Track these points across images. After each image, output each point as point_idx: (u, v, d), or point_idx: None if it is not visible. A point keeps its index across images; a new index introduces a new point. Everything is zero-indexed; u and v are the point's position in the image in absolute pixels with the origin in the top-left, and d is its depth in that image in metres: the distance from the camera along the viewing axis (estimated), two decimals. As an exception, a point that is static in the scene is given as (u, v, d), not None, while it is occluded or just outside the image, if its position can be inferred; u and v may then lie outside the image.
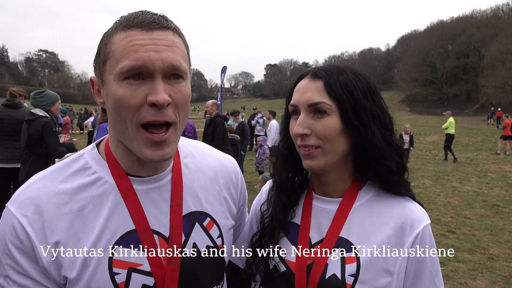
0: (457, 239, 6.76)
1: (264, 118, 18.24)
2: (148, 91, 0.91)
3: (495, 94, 56.10)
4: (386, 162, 1.15)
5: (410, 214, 1.15)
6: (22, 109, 5.83)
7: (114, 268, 0.97)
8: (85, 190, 1.01)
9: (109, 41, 0.94)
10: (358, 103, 1.12)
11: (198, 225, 1.11)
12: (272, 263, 1.23)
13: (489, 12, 76.96)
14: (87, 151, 1.09)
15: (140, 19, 0.93)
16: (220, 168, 1.25)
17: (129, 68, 0.89)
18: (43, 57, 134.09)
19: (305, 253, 1.18)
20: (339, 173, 1.21)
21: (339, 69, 1.17)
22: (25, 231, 0.94)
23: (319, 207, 1.24)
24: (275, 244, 1.24)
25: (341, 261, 1.13)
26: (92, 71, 1.03)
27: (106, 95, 0.97)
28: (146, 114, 0.91)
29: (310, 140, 1.13)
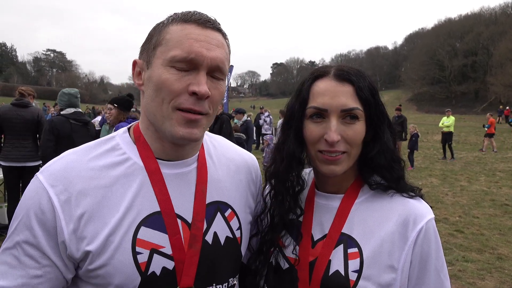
0: (466, 239, 6.71)
1: (271, 117, 18.24)
2: (191, 81, 0.98)
3: (504, 92, 55.54)
4: (395, 166, 1.18)
5: (413, 209, 1.15)
6: (31, 109, 5.90)
7: (137, 248, 0.99)
8: (114, 169, 1.04)
9: (164, 29, 1.01)
10: (378, 107, 1.15)
11: (220, 215, 1.14)
12: (275, 261, 1.23)
13: (497, 10, 76.17)
14: (119, 134, 1.14)
15: (197, 16, 1.02)
16: (242, 163, 1.29)
17: (181, 58, 0.97)
18: (51, 57, 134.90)
19: (307, 250, 1.18)
20: (346, 174, 1.20)
21: (360, 71, 1.16)
22: (50, 201, 0.96)
23: (321, 204, 1.24)
24: (278, 242, 1.24)
25: (344, 257, 1.13)
26: (99, 69, 1.08)
27: (148, 77, 1.02)
28: (185, 101, 0.99)
29: (339, 146, 1.11)
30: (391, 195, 1.19)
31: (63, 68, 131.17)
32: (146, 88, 1.04)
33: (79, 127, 5.27)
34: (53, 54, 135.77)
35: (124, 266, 0.97)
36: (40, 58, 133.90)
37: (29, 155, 5.81)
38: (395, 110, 14.62)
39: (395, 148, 1.19)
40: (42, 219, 0.96)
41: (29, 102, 5.95)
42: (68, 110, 5.27)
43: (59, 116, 5.28)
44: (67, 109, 5.28)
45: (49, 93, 73.11)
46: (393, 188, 1.19)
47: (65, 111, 5.26)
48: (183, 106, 0.98)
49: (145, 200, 1.03)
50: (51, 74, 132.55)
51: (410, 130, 14.57)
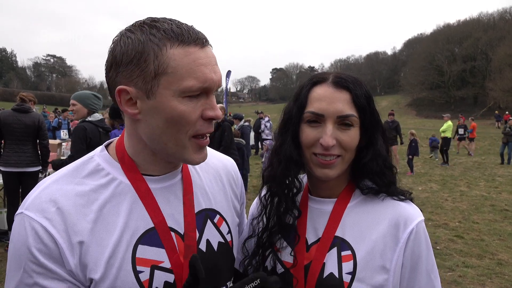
0: (466, 244, 6.70)
1: (271, 122, 18.26)
2: (204, 106, 0.98)
3: (503, 97, 55.67)
4: (387, 172, 1.22)
5: (404, 211, 1.19)
6: (32, 114, 5.91)
7: (137, 267, 0.98)
8: (101, 191, 1.02)
9: (163, 54, 0.93)
10: (372, 115, 1.19)
11: (210, 222, 1.15)
12: (270, 265, 1.25)
13: (496, 15, 76.50)
14: (97, 154, 1.10)
15: (193, 35, 0.96)
16: (222, 167, 1.30)
17: (198, 88, 0.95)
18: (51, 62, 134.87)
19: (302, 253, 1.20)
20: (339, 178, 1.24)
21: (357, 79, 1.20)
22: (49, 234, 0.93)
23: (315, 208, 1.27)
24: (273, 246, 1.26)
25: (338, 259, 1.16)
26: (100, 74, 1.04)
27: (153, 108, 0.96)
28: (202, 127, 0.99)
29: (334, 150, 1.15)
30: (382, 199, 1.23)
31: (63, 73, 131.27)
32: (149, 118, 0.98)
33: (104, 135, 4.88)
34: (53, 59, 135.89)
35: (128, 286, 0.97)
36: (40, 63, 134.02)
37: (29, 160, 5.81)
38: (388, 115, 14.62)
39: (387, 154, 1.23)
40: (48, 253, 0.93)
41: (30, 107, 5.96)
42: (95, 116, 4.84)
43: (88, 123, 4.76)
44: (94, 114, 4.84)
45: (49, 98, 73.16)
46: (383, 192, 1.23)
47: (93, 117, 4.81)
48: (201, 132, 1.00)
49: (138, 218, 1.02)
50: (51, 79, 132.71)
51: (409, 137, 14.57)
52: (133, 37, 0.95)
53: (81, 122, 4.73)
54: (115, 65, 0.97)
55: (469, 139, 20.43)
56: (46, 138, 6.11)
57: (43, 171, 6.12)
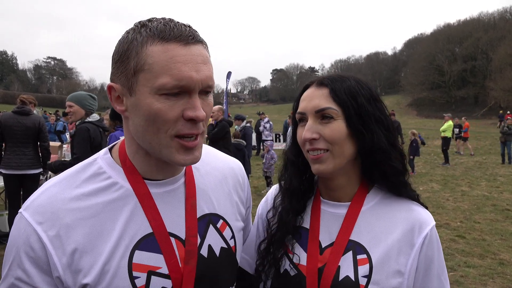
0: (467, 244, 6.69)
1: (271, 123, 18.26)
2: (185, 106, 0.94)
3: (504, 97, 55.60)
4: (392, 163, 1.21)
5: (418, 216, 1.22)
6: (32, 116, 5.92)
7: (134, 272, 0.97)
8: (100, 195, 1.01)
9: (143, 51, 0.93)
10: (362, 108, 1.19)
11: (212, 227, 1.13)
12: (283, 268, 1.25)
13: (496, 15, 76.42)
14: (100, 156, 1.09)
15: (177, 32, 0.93)
16: (228, 171, 1.28)
17: (172, 86, 0.91)
18: (52, 64, 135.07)
19: (316, 256, 1.21)
20: (347, 178, 1.26)
21: (343, 77, 1.24)
22: (39, 238, 0.93)
23: (328, 212, 1.28)
24: (285, 249, 1.26)
25: (353, 262, 1.17)
26: (100, 76, 1.04)
27: (134, 105, 0.96)
28: (183, 127, 0.95)
29: (319, 144, 1.18)
30: (396, 202, 1.25)
31: (63, 75, 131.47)
32: (133, 116, 0.98)
33: (104, 135, 4.92)
34: (54, 61, 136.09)
35: None
36: (41, 66, 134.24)
37: (30, 163, 5.82)
38: (389, 115, 14.56)
39: (392, 148, 1.23)
40: (33, 257, 0.94)
41: (31, 110, 5.96)
42: (94, 117, 4.85)
43: (89, 123, 4.76)
44: (93, 115, 4.86)
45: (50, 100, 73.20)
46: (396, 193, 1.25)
47: (92, 118, 4.82)
48: (182, 133, 0.95)
49: (136, 224, 1.01)
50: (51, 82, 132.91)
51: (410, 137, 14.55)
52: (125, 36, 0.97)
53: (82, 123, 4.72)
54: (111, 63, 1.00)
55: (463, 139, 20.47)
56: (46, 140, 6.11)
57: (44, 173, 6.13)
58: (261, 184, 11.59)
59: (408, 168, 1.29)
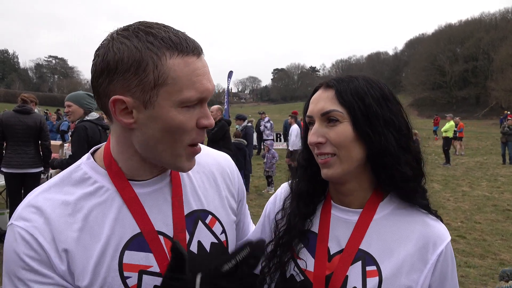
0: (468, 244, 6.69)
1: (271, 122, 18.26)
2: (199, 115, 0.99)
3: (505, 97, 55.51)
4: (401, 169, 1.14)
5: (433, 231, 1.16)
6: (33, 115, 5.93)
7: (125, 272, 0.98)
8: (88, 200, 1.02)
9: (163, 63, 0.91)
10: (369, 109, 1.12)
11: (201, 223, 1.13)
12: (289, 272, 1.21)
13: (498, 15, 76.28)
14: (83, 162, 1.10)
15: (191, 45, 0.96)
16: (215, 165, 1.28)
17: (196, 99, 0.96)
18: (53, 63, 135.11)
19: (324, 263, 1.17)
20: (358, 183, 1.20)
21: (351, 77, 1.18)
22: (38, 241, 0.94)
23: (338, 217, 1.23)
24: (292, 253, 1.22)
25: (362, 274, 1.12)
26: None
27: (150, 118, 0.95)
28: (197, 136, 1.01)
29: (325, 148, 1.14)
30: (410, 213, 1.19)
31: (64, 74, 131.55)
32: (145, 128, 0.97)
33: (104, 133, 4.90)
34: (55, 60, 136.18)
35: None
36: (42, 65, 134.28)
37: (31, 162, 5.83)
38: None
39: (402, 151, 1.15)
40: (39, 259, 0.94)
41: (32, 108, 5.97)
42: (93, 115, 4.86)
43: (88, 122, 4.77)
44: (92, 113, 4.86)
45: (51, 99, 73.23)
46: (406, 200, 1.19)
47: (91, 116, 4.83)
48: (196, 141, 1.01)
49: (124, 225, 1.02)
50: (52, 81, 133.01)
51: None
52: (128, 43, 0.91)
53: (81, 122, 4.74)
54: (107, 72, 0.93)
55: (458, 139, 20.43)
56: (48, 139, 6.12)
57: (45, 172, 6.14)
58: (262, 183, 11.59)
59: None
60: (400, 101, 1.21)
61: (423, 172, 1.23)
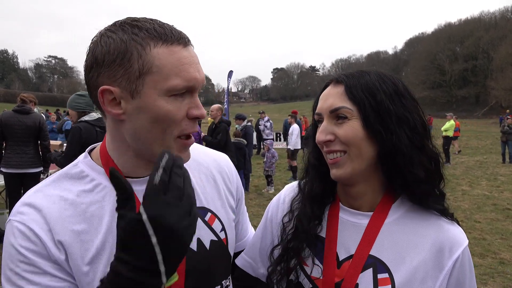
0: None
1: (271, 122, 18.25)
2: (189, 105, 0.98)
3: (505, 96, 55.59)
4: (413, 170, 1.06)
5: (448, 235, 1.09)
6: (32, 115, 5.92)
7: None
8: (86, 196, 1.03)
9: (147, 53, 0.93)
10: (381, 106, 1.06)
11: (200, 221, 1.13)
12: (296, 279, 1.16)
13: (497, 14, 76.29)
14: (80, 160, 1.10)
15: (176, 34, 0.97)
16: (213, 164, 1.28)
17: (183, 87, 0.95)
18: (52, 63, 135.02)
19: (333, 270, 1.11)
20: (368, 184, 1.14)
21: (362, 72, 1.13)
22: (35, 232, 0.94)
23: (347, 220, 1.17)
24: (300, 259, 1.17)
25: (373, 282, 1.06)
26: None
27: (138, 108, 0.95)
28: (187, 126, 0.98)
29: (335, 146, 1.09)
30: (424, 216, 1.12)
31: (64, 74, 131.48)
32: (134, 119, 0.97)
33: (102, 134, 4.76)
34: (54, 60, 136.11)
35: None
36: (42, 65, 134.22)
37: (30, 162, 5.82)
38: None
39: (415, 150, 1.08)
40: (36, 250, 0.94)
41: (31, 108, 5.96)
42: (92, 116, 4.80)
43: (84, 123, 4.74)
44: (91, 114, 4.82)
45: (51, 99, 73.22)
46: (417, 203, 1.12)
47: (89, 117, 4.78)
48: (186, 132, 0.99)
49: None
50: (52, 81, 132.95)
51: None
52: (114, 36, 0.94)
53: (78, 123, 4.76)
54: (96, 65, 0.95)
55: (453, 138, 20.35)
56: (47, 139, 6.11)
57: (44, 172, 6.13)
58: (262, 183, 11.59)
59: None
60: (416, 97, 1.14)
61: (441, 175, 1.15)
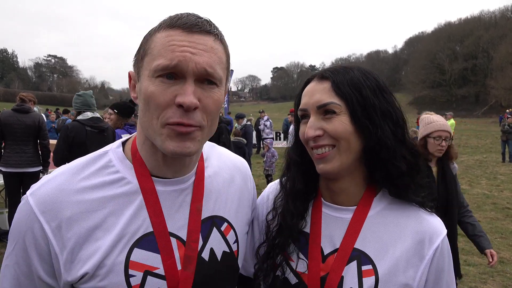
0: (467, 242, 6.65)
1: (270, 121, 18.24)
2: (177, 92, 0.91)
3: (504, 95, 55.61)
4: (396, 163, 1.10)
5: (428, 226, 1.13)
6: (32, 114, 5.91)
7: (130, 270, 0.96)
8: (106, 189, 1.00)
9: (151, 38, 0.96)
10: (367, 101, 1.09)
11: (216, 230, 1.10)
12: (283, 275, 1.18)
13: (497, 13, 76.34)
14: (112, 149, 1.08)
15: (183, 21, 0.94)
16: (236, 171, 1.25)
17: (164, 66, 0.90)
18: (52, 62, 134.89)
19: (318, 264, 1.13)
20: (352, 178, 1.16)
21: (346, 69, 1.14)
22: (42, 228, 0.93)
23: (330, 215, 1.19)
24: (285, 254, 1.19)
25: (358, 274, 1.09)
26: (100, 74, 1.05)
27: (139, 90, 0.98)
28: (173, 114, 0.91)
29: (324, 140, 1.10)
30: (405, 209, 1.16)
31: (64, 73, 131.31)
32: (139, 101, 0.98)
33: (95, 134, 4.90)
34: (54, 59, 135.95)
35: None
36: (41, 64, 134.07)
37: (29, 161, 5.82)
38: None
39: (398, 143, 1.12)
40: (35, 244, 0.94)
41: (30, 107, 5.95)
42: (85, 115, 4.91)
43: (74, 122, 4.90)
44: (85, 113, 4.93)
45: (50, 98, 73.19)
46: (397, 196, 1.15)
47: (82, 116, 4.91)
48: (171, 121, 0.91)
49: (139, 222, 0.99)
50: (52, 80, 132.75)
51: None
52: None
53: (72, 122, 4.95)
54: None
55: None
56: (46, 138, 6.11)
57: (44, 171, 6.12)
58: (262, 182, 11.58)
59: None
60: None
61: (419, 167, 1.15)
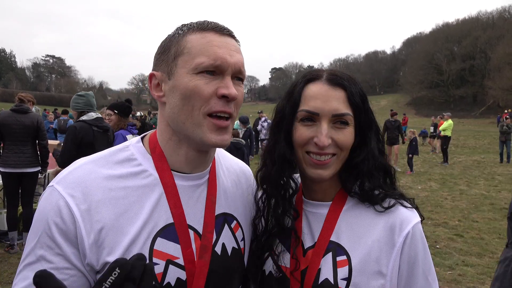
0: (465, 243, 6.70)
1: (268, 121, 18.23)
2: (219, 85, 1.02)
3: (502, 96, 55.79)
4: (376, 173, 1.17)
5: (398, 214, 1.15)
6: (30, 115, 5.90)
7: (154, 258, 1.00)
8: (131, 179, 1.05)
9: (183, 39, 1.04)
10: (367, 113, 1.15)
11: (227, 227, 1.17)
12: (268, 269, 1.22)
13: (495, 14, 76.56)
14: (132, 144, 1.13)
15: (213, 25, 1.06)
16: (241, 174, 1.33)
17: (208, 65, 1.00)
18: (50, 62, 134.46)
19: (299, 258, 1.17)
20: (331, 180, 1.20)
21: (351, 77, 1.16)
22: (70, 211, 0.95)
23: (310, 212, 1.24)
24: (271, 249, 1.23)
25: (333, 265, 1.13)
26: (99, 74, 1.06)
27: (172, 87, 1.04)
28: (215, 104, 1.02)
29: (329, 149, 1.12)
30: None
31: (62, 73, 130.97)
32: (170, 98, 1.05)
33: (100, 134, 4.92)
34: (52, 59, 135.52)
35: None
36: (39, 64, 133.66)
37: (28, 161, 5.80)
38: (392, 115, 14.60)
39: (381, 156, 1.19)
40: (63, 228, 0.95)
41: (29, 108, 5.93)
42: (90, 115, 4.91)
43: (81, 122, 4.84)
44: (89, 113, 4.93)
45: (48, 99, 73.04)
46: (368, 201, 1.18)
47: (87, 117, 4.89)
48: (214, 110, 1.01)
49: (161, 212, 1.04)
50: (50, 80, 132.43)
51: (409, 135, 14.59)
52: (169, 34, 1.10)
53: (76, 122, 4.85)
54: (154, 59, 1.11)
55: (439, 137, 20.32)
56: (45, 138, 6.09)
57: (42, 172, 6.11)
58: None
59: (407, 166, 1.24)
60: None
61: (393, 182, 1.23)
